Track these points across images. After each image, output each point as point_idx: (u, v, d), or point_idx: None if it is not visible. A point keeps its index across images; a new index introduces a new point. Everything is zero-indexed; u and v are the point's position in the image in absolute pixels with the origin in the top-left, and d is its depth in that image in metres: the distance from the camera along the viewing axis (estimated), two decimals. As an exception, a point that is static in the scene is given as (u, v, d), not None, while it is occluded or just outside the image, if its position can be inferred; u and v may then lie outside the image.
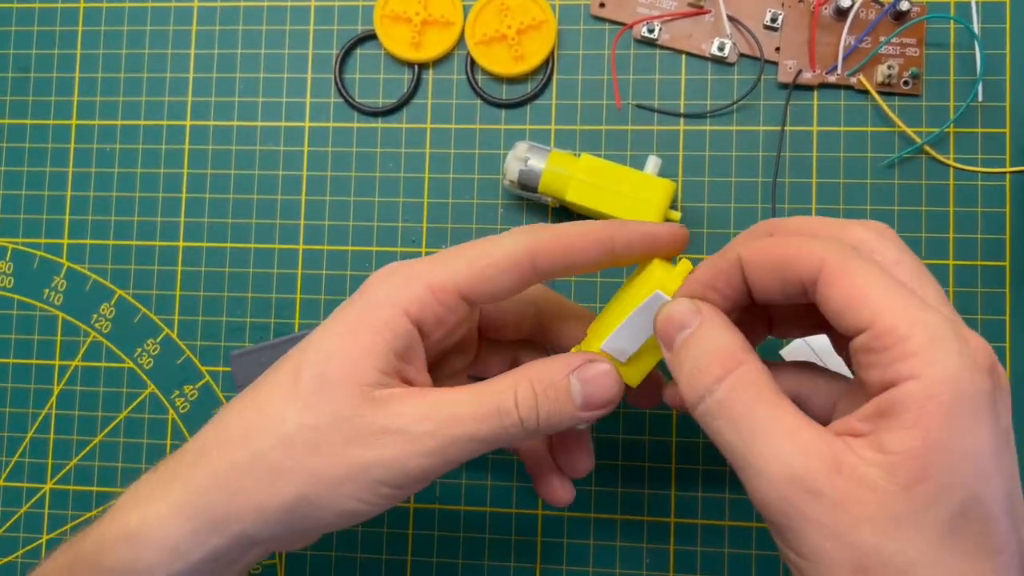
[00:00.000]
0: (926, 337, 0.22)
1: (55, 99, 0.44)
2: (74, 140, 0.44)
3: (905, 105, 0.40)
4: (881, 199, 0.40)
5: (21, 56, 0.45)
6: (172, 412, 0.42)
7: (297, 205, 0.43)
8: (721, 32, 0.41)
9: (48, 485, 0.43)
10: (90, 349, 0.43)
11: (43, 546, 0.42)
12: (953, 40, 0.40)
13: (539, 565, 0.40)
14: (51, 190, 0.44)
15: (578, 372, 0.28)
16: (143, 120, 0.44)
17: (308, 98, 0.43)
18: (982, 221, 0.40)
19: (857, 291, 0.23)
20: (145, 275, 0.43)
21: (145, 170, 0.43)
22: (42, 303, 0.43)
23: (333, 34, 0.43)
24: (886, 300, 0.23)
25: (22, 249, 0.44)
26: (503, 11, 0.42)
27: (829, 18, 0.40)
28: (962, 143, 0.40)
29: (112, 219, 0.43)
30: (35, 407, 0.43)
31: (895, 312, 0.23)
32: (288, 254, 0.42)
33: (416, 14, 0.42)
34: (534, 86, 0.42)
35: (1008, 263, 0.39)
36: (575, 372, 0.28)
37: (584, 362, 0.28)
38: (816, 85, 0.41)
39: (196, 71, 0.44)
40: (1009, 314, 0.39)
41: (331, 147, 0.43)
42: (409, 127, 0.43)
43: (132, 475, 0.42)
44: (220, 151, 0.43)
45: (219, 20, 0.44)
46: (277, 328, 0.42)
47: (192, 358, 0.42)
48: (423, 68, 0.43)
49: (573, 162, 0.39)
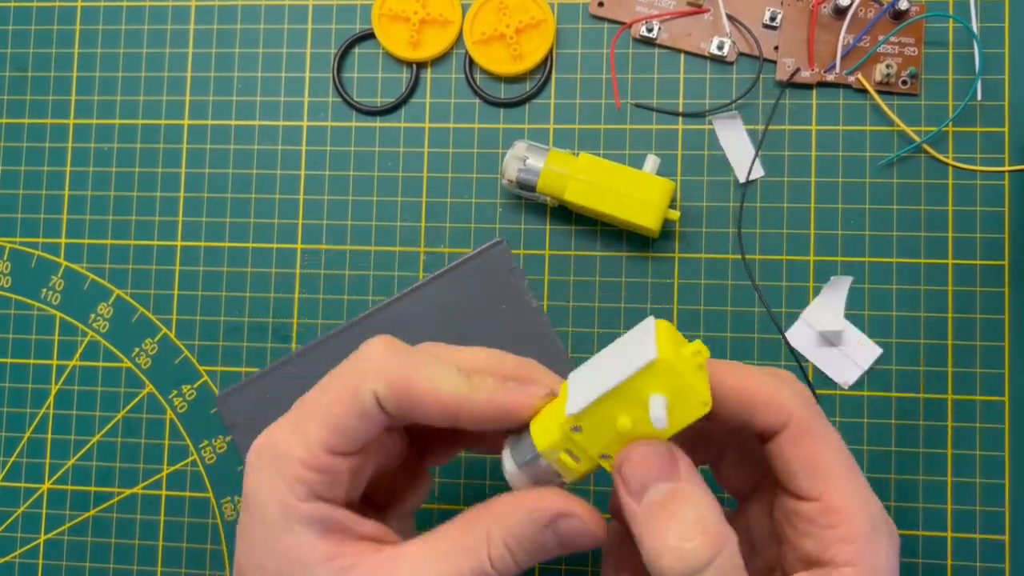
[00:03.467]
0: (869, 526, 0.23)
1: (52, 98, 0.44)
2: (72, 139, 0.44)
3: (904, 104, 0.40)
4: (880, 198, 0.40)
5: (18, 55, 0.45)
6: (170, 412, 0.42)
7: (295, 204, 0.42)
8: (720, 31, 0.41)
9: (46, 485, 0.42)
10: (88, 349, 0.43)
11: (41, 546, 0.42)
12: (952, 39, 0.40)
13: (537, 565, 0.40)
14: (49, 189, 0.44)
15: (553, 527, 0.25)
16: (141, 119, 0.44)
17: (306, 97, 0.43)
18: (981, 220, 0.40)
19: (818, 459, 0.24)
20: (143, 274, 0.43)
21: (143, 169, 0.43)
22: (39, 303, 0.43)
23: (331, 33, 0.43)
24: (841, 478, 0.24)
25: (19, 248, 0.44)
26: (502, 10, 0.41)
27: (828, 17, 0.40)
28: (961, 142, 0.40)
29: (110, 218, 0.43)
30: (32, 407, 0.43)
31: (845, 493, 0.24)
32: (286, 253, 0.42)
33: (414, 13, 0.42)
34: (533, 85, 0.42)
35: (1007, 262, 0.39)
36: (550, 527, 0.25)
37: (558, 516, 0.25)
38: (814, 84, 0.41)
39: (194, 70, 0.44)
40: (1008, 313, 0.39)
41: (329, 146, 0.43)
42: (407, 126, 0.42)
43: (130, 475, 0.42)
44: (218, 150, 0.43)
45: (217, 19, 0.44)
46: (275, 328, 0.42)
47: (190, 358, 0.42)
48: (421, 67, 0.43)
49: (572, 161, 0.39)
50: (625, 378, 0.23)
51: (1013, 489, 0.38)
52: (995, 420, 0.39)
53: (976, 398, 0.39)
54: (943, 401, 0.39)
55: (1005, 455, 0.39)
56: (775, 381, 0.26)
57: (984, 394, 0.39)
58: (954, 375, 0.39)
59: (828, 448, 0.24)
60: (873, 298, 0.40)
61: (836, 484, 0.24)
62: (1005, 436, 0.39)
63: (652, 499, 0.23)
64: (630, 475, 0.24)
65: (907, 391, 0.39)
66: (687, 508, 0.23)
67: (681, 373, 0.23)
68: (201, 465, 0.42)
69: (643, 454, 0.24)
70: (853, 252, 0.40)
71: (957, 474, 0.39)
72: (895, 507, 0.39)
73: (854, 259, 0.40)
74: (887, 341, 0.39)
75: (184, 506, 0.42)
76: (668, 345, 0.23)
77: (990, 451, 0.39)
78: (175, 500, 0.42)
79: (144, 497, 0.42)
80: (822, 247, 0.40)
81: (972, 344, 0.39)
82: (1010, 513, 0.38)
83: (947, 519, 0.39)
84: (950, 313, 0.39)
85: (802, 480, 0.24)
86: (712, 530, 0.23)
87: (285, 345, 0.42)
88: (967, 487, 0.39)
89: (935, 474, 0.39)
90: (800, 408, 0.25)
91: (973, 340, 0.39)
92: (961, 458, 0.39)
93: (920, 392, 0.39)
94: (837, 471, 0.24)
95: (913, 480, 0.39)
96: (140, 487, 0.42)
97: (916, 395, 0.39)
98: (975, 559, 0.38)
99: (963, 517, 0.39)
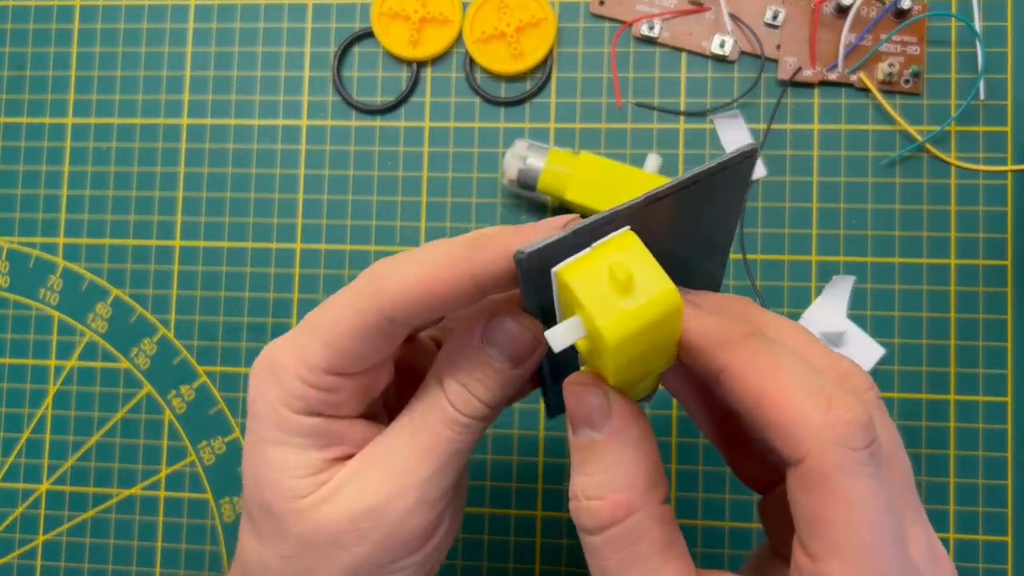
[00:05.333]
0: None
1: (51, 97, 0.44)
2: (70, 138, 0.44)
3: (906, 103, 0.40)
4: (882, 197, 0.40)
5: (17, 54, 0.44)
6: (168, 412, 0.42)
7: (294, 204, 0.42)
8: (721, 30, 0.41)
9: (44, 486, 0.42)
10: (86, 349, 0.43)
11: (39, 548, 0.42)
12: (954, 38, 0.40)
13: (538, 566, 0.40)
14: (47, 189, 0.44)
15: (486, 340, 0.24)
16: (139, 118, 0.43)
17: (305, 96, 0.43)
18: (983, 220, 0.39)
19: (821, 518, 0.19)
20: (141, 274, 0.43)
21: (141, 169, 0.43)
22: (38, 302, 0.43)
23: (331, 32, 0.43)
24: (848, 550, 0.19)
25: (18, 248, 0.44)
26: (502, 9, 0.41)
27: (830, 15, 0.40)
28: (963, 141, 0.40)
29: (108, 218, 0.43)
30: (31, 407, 0.43)
31: (846, 569, 0.19)
32: (285, 253, 0.42)
33: (414, 11, 0.42)
34: (533, 84, 0.42)
35: (1010, 262, 0.39)
36: (484, 341, 0.24)
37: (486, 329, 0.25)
38: (816, 83, 0.40)
39: (193, 69, 0.43)
40: (1011, 313, 0.39)
41: (329, 145, 0.42)
42: (407, 125, 0.42)
43: (129, 476, 0.42)
44: (217, 149, 0.43)
45: (216, 18, 0.44)
46: (275, 328, 0.42)
47: (189, 358, 0.42)
48: (421, 66, 0.42)
49: (572, 161, 0.38)
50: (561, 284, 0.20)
51: (1016, 490, 0.38)
52: (998, 421, 0.39)
53: (979, 399, 0.39)
54: (946, 402, 0.39)
55: (1008, 456, 0.38)
56: (807, 399, 0.20)
57: (987, 395, 0.39)
58: (957, 376, 0.39)
59: (842, 508, 0.19)
60: (875, 298, 0.39)
61: (840, 554, 0.19)
62: (1008, 437, 0.39)
63: (578, 442, 0.22)
64: (567, 402, 0.23)
65: (910, 392, 0.39)
66: (599, 467, 0.22)
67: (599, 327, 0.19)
68: (200, 466, 0.42)
69: (576, 392, 0.22)
70: (855, 252, 0.40)
71: (960, 475, 0.39)
72: (897, 508, 0.39)
73: (856, 259, 0.40)
74: (889, 341, 0.39)
75: (183, 507, 0.42)
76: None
77: (993, 452, 0.38)
78: (174, 501, 0.42)
79: (142, 498, 0.42)
80: (824, 247, 0.40)
81: (975, 344, 0.39)
82: (1013, 514, 0.38)
83: (949, 520, 0.38)
84: (953, 313, 0.39)
85: (802, 530, 0.20)
86: (614, 498, 0.21)
87: (284, 345, 0.42)
88: (970, 488, 0.38)
89: (938, 475, 0.39)
90: (822, 447, 0.19)
91: (976, 340, 0.39)
92: (964, 459, 0.39)
93: (923, 392, 0.39)
94: (845, 540, 0.19)
95: (916, 481, 0.39)
96: (139, 488, 0.42)
97: (919, 396, 0.39)
98: (977, 560, 0.38)
99: (965, 518, 0.38)
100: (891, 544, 0.19)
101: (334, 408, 0.25)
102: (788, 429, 0.20)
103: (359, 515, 0.24)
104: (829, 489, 0.19)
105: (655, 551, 0.21)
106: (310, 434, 0.25)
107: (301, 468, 0.25)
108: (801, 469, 0.19)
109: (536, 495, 0.40)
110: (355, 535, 0.24)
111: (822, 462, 0.19)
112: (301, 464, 0.25)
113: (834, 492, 0.19)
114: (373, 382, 0.26)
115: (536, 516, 0.40)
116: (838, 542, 0.19)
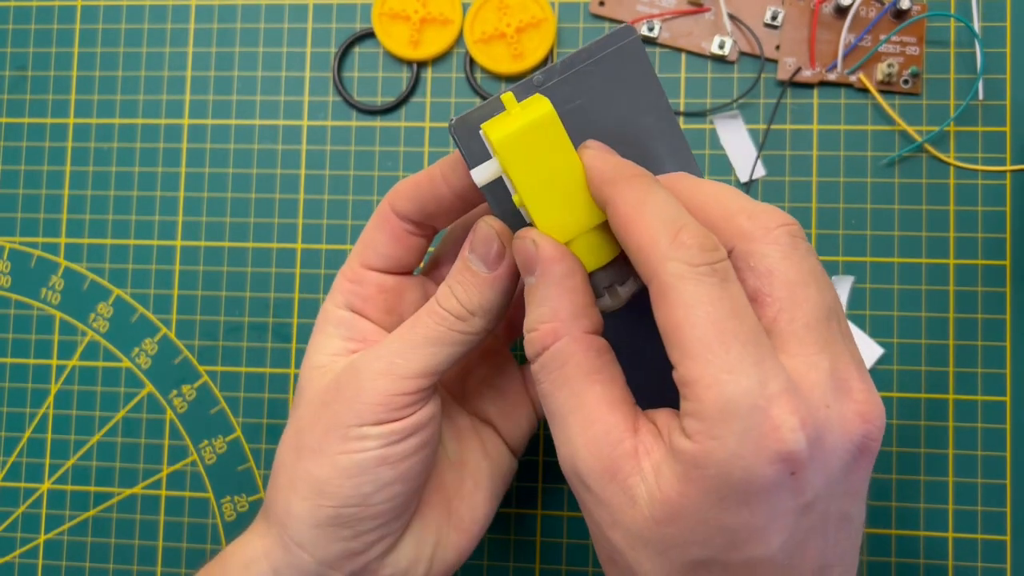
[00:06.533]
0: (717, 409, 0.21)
1: (52, 97, 0.44)
2: (71, 139, 0.44)
3: (905, 103, 0.40)
4: (881, 197, 0.40)
5: (18, 54, 0.44)
6: (170, 412, 0.42)
7: (295, 204, 0.42)
8: (721, 30, 0.41)
9: (45, 485, 0.42)
10: (87, 348, 0.43)
11: (40, 547, 0.42)
12: (953, 38, 0.40)
13: (538, 565, 0.40)
14: (48, 189, 0.44)
15: (469, 247, 0.28)
16: (141, 119, 0.44)
17: (306, 96, 0.43)
18: (983, 220, 0.40)
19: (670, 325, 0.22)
20: (143, 274, 0.43)
21: (143, 169, 0.43)
22: (39, 302, 0.43)
23: (331, 32, 0.43)
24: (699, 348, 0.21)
25: (19, 248, 0.44)
26: (502, 9, 0.41)
27: (829, 16, 0.40)
28: (962, 141, 0.40)
29: (110, 218, 0.43)
30: (32, 407, 0.43)
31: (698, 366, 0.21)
32: (286, 253, 0.42)
33: (415, 12, 0.42)
34: (533, 84, 0.42)
35: (1008, 262, 0.39)
36: (467, 249, 0.28)
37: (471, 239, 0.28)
38: (816, 83, 0.40)
39: (194, 69, 0.44)
40: (1010, 313, 0.39)
41: (329, 146, 0.43)
42: (408, 125, 0.42)
43: (130, 475, 0.42)
44: (218, 150, 0.43)
45: (217, 18, 0.44)
46: (275, 328, 0.42)
47: (190, 357, 0.42)
48: (422, 66, 0.43)
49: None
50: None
51: (1015, 489, 0.38)
52: (997, 420, 0.39)
53: (978, 398, 0.39)
54: (944, 401, 0.39)
55: (1007, 455, 0.39)
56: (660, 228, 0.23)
57: (986, 394, 0.39)
58: (956, 375, 0.39)
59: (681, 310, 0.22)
60: (874, 298, 0.40)
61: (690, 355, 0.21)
62: (1007, 436, 0.39)
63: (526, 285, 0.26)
64: (519, 258, 0.26)
65: (908, 391, 0.39)
66: (534, 303, 0.25)
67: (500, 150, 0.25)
68: (201, 465, 0.42)
69: (516, 247, 0.26)
70: (854, 252, 0.40)
71: (959, 474, 0.39)
72: (896, 507, 0.39)
73: (855, 259, 0.40)
74: (888, 341, 0.39)
75: (184, 506, 0.42)
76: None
77: (992, 451, 0.39)
78: (175, 500, 0.42)
79: (144, 497, 0.42)
80: (823, 247, 0.40)
81: (974, 344, 0.39)
82: (1012, 513, 0.38)
83: (948, 519, 0.39)
84: (952, 313, 0.39)
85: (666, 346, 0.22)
86: (544, 327, 0.25)
87: (285, 345, 0.42)
88: (969, 487, 0.39)
89: (936, 474, 0.39)
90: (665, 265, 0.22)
91: (975, 340, 0.39)
92: (963, 458, 0.39)
93: (922, 392, 0.39)
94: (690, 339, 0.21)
95: (914, 480, 0.39)
96: (140, 487, 0.42)
97: (918, 395, 0.39)
98: (976, 559, 0.38)
99: (964, 517, 0.38)
100: (743, 344, 0.21)
101: (361, 301, 0.30)
102: (642, 250, 0.23)
103: (341, 373, 0.29)
104: (671, 296, 0.22)
105: (580, 373, 0.24)
106: (340, 324, 0.30)
107: (326, 348, 0.30)
108: (653, 287, 0.23)
109: (536, 494, 0.40)
110: (335, 392, 0.28)
111: (664, 275, 0.22)
112: (327, 345, 0.30)
113: (675, 298, 0.22)
114: (395, 289, 0.31)
115: (536, 515, 0.40)
116: (685, 342, 0.22)
